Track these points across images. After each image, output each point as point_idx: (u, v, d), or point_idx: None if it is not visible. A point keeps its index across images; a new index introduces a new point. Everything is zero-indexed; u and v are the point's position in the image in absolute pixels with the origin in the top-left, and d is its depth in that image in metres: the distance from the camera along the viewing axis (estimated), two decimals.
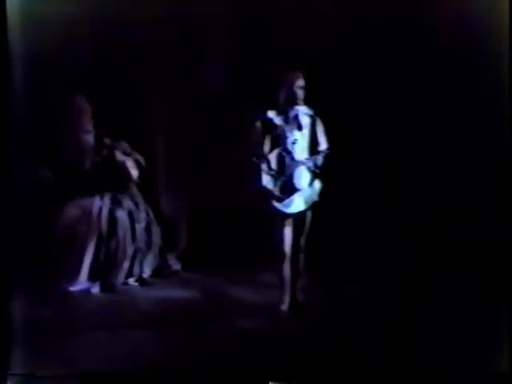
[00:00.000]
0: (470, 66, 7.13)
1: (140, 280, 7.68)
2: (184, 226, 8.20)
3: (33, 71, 6.90)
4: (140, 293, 7.40)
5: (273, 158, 6.27)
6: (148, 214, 7.93)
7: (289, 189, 6.24)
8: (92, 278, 7.45)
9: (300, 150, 6.26)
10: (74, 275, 7.42)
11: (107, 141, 7.90)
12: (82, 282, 7.41)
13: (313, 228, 6.43)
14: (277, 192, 6.21)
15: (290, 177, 6.23)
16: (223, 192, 7.81)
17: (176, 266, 8.02)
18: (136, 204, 7.89)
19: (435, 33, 7.25)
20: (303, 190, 6.25)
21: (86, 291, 7.33)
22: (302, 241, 6.40)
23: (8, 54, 6.22)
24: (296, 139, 6.24)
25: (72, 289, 7.33)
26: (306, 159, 6.25)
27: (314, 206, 6.35)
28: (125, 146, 7.93)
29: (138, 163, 7.90)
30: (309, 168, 6.23)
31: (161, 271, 7.90)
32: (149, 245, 7.87)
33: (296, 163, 6.23)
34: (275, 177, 6.21)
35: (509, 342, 5.57)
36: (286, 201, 6.24)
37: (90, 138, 7.83)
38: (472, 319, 6.05)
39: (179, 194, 8.18)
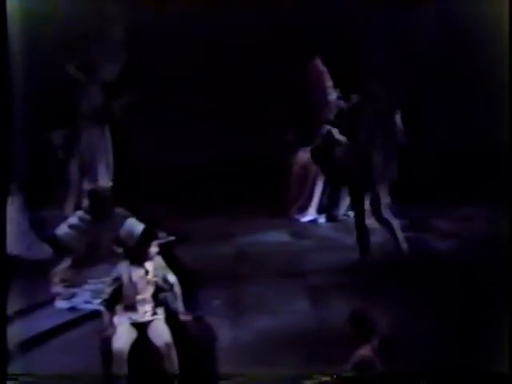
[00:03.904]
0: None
1: None
2: (394, 167, 9.19)
3: None
4: None
5: None
6: None
7: None
8: (319, 211, 8.90)
9: None
10: (305, 209, 8.90)
11: (341, 103, 8.96)
12: (311, 214, 8.88)
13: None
14: None
15: None
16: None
17: (387, 200, 9.06)
18: None
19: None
20: None
21: (314, 221, 8.84)
22: None
23: None
24: None
25: (303, 219, 8.87)
26: None
27: None
28: None
29: None
30: None
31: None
32: None
33: None
34: None
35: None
36: None
37: (331, 96, 8.96)
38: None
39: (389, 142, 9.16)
